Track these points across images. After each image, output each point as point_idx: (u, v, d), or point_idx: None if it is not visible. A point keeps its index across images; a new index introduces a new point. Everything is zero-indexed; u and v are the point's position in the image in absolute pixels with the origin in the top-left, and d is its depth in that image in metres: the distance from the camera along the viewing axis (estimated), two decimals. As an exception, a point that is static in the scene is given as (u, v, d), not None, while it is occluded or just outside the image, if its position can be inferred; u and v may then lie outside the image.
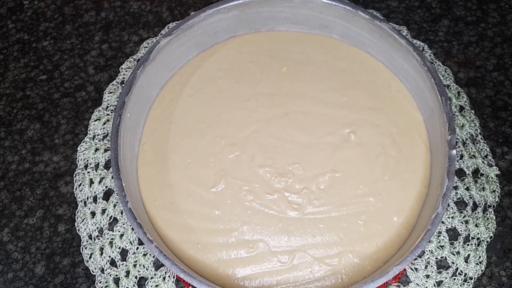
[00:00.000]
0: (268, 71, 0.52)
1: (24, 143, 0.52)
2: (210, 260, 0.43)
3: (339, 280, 0.42)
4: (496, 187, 0.47)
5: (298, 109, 0.50)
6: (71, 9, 0.62)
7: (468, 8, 0.60)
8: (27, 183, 0.50)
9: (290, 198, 0.45)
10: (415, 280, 0.43)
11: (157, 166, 0.47)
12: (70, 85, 0.56)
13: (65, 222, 0.47)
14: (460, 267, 0.44)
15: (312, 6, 0.51)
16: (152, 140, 0.49)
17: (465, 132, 0.50)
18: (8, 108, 0.54)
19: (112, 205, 0.47)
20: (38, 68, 0.57)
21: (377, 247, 0.43)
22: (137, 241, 0.45)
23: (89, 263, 0.45)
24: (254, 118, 0.49)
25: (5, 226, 0.47)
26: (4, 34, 0.60)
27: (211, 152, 0.48)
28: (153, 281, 0.43)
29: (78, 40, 0.59)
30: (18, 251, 0.46)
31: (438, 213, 0.40)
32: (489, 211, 0.46)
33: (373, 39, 0.51)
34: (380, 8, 0.60)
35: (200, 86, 0.52)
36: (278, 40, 0.54)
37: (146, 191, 0.46)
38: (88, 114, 0.53)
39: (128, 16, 0.60)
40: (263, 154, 0.47)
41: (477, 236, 0.45)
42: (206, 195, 0.46)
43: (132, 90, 0.46)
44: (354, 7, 0.49)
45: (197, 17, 0.50)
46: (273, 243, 0.44)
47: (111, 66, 0.57)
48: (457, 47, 0.57)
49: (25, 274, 0.45)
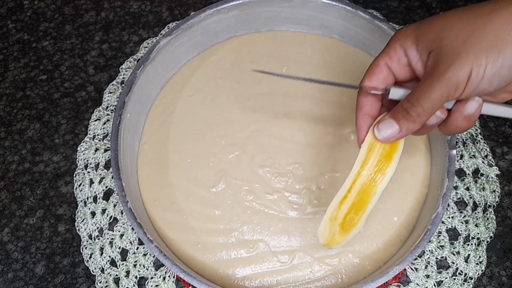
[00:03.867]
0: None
1: (24, 143, 0.52)
2: (210, 260, 0.43)
3: (339, 280, 0.42)
4: (496, 187, 0.47)
5: (298, 109, 0.50)
6: (71, 9, 0.62)
7: (468, 8, 0.60)
8: (27, 183, 0.50)
9: (290, 198, 0.45)
10: (415, 280, 0.43)
11: (157, 166, 0.47)
12: (70, 85, 0.56)
13: (65, 222, 0.47)
14: (460, 267, 0.44)
15: (312, 6, 0.51)
16: (152, 140, 0.49)
17: (465, 132, 0.50)
18: (8, 108, 0.54)
19: (112, 205, 0.47)
20: (38, 68, 0.57)
21: (377, 247, 0.43)
22: (137, 241, 0.45)
23: (89, 263, 0.45)
24: (254, 118, 0.49)
25: (5, 226, 0.47)
26: (4, 34, 0.60)
27: (211, 152, 0.48)
28: (153, 281, 0.43)
29: (78, 40, 0.59)
30: (18, 251, 0.46)
31: (438, 213, 0.40)
32: (489, 211, 0.46)
33: (373, 39, 0.51)
34: (380, 8, 0.60)
35: (200, 86, 0.52)
36: (278, 40, 0.54)
37: (146, 191, 0.46)
38: (88, 114, 0.53)
39: (128, 16, 0.60)
40: (263, 154, 0.47)
41: (477, 236, 0.45)
42: (206, 195, 0.46)
43: (132, 90, 0.46)
44: (354, 7, 0.49)
45: (197, 17, 0.50)
46: (273, 243, 0.44)
47: (111, 66, 0.57)
48: (457, 47, 0.57)
49: (25, 274, 0.45)
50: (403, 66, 0.34)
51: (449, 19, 0.30)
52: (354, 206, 0.36)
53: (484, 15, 0.29)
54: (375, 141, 0.35)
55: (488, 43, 0.28)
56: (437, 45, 0.30)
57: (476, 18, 0.29)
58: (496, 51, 0.28)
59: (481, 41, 0.28)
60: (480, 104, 0.31)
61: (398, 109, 0.32)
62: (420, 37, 0.32)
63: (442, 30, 0.30)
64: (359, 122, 0.36)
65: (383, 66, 0.34)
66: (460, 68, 0.29)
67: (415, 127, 0.32)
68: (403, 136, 0.34)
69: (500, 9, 0.29)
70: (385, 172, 0.35)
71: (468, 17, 0.30)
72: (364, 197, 0.36)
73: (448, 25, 0.30)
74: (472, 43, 0.29)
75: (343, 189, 0.36)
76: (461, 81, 0.29)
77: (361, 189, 0.36)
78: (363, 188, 0.36)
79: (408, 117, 0.32)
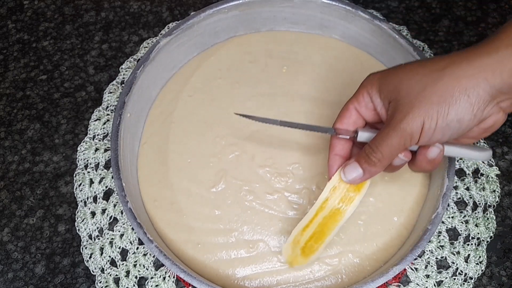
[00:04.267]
0: (268, 71, 0.52)
1: (24, 143, 0.52)
2: (210, 260, 0.43)
3: (339, 280, 0.42)
4: (496, 187, 0.47)
5: (298, 109, 0.50)
6: (71, 9, 0.62)
7: (468, 8, 0.60)
8: (27, 183, 0.50)
9: (290, 198, 0.45)
10: (415, 280, 0.43)
11: (157, 166, 0.47)
12: (70, 85, 0.56)
13: (65, 222, 0.47)
14: (460, 267, 0.44)
15: (312, 6, 0.51)
16: (152, 140, 0.49)
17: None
18: (8, 108, 0.54)
19: (112, 205, 0.47)
20: (38, 68, 0.57)
21: (377, 247, 0.43)
22: (137, 241, 0.45)
23: (89, 263, 0.45)
24: (254, 118, 0.49)
25: (5, 226, 0.47)
26: (4, 34, 0.60)
27: (211, 152, 0.48)
28: (153, 281, 0.43)
29: (78, 40, 0.59)
30: (18, 251, 0.46)
31: (438, 213, 0.40)
32: (489, 211, 0.46)
33: (373, 39, 0.51)
34: (380, 8, 0.60)
35: (200, 86, 0.52)
36: (278, 40, 0.54)
37: (146, 191, 0.46)
38: (88, 114, 0.53)
39: (128, 16, 0.60)
40: (263, 154, 0.47)
41: (477, 236, 0.45)
42: (206, 195, 0.46)
43: (132, 90, 0.46)
44: (354, 7, 0.49)
45: (197, 17, 0.50)
46: (273, 243, 0.44)
47: (111, 66, 0.57)
48: (457, 47, 0.57)
49: (25, 274, 0.45)
50: (370, 111, 0.36)
51: (407, 72, 0.33)
52: (315, 235, 0.39)
53: (439, 71, 0.31)
54: (341, 181, 0.38)
55: (439, 98, 0.31)
56: (395, 96, 0.33)
57: (431, 73, 0.32)
58: (446, 106, 0.31)
59: (433, 96, 0.31)
60: (441, 150, 0.34)
61: (362, 154, 0.35)
62: (382, 86, 0.34)
63: (401, 82, 0.33)
64: (330, 162, 0.39)
65: (353, 110, 0.37)
66: (413, 120, 0.31)
67: (377, 171, 0.35)
68: (367, 179, 0.37)
69: (453, 66, 0.31)
70: (345, 210, 0.38)
71: (424, 72, 0.32)
72: (324, 229, 0.39)
73: (406, 78, 0.33)
74: (424, 97, 0.31)
75: (306, 218, 0.39)
76: (415, 131, 0.32)
77: (322, 221, 0.39)
78: (324, 221, 0.39)
79: (369, 161, 0.35)
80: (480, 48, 0.31)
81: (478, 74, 0.30)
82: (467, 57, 0.31)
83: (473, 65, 0.31)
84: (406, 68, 0.33)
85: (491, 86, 0.30)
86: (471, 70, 0.30)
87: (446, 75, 0.31)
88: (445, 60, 0.32)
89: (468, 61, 0.31)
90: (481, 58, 0.31)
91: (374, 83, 0.35)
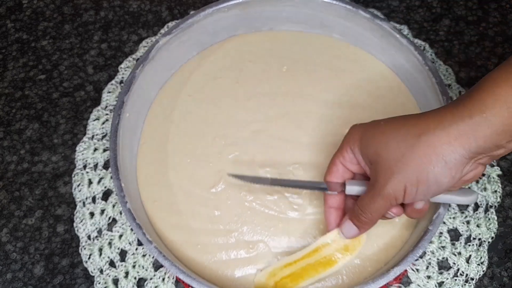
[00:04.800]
0: (268, 71, 0.52)
1: (23, 143, 0.52)
2: (210, 260, 0.43)
3: (340, 281, 0.42)
4: (498, 188, 0.47)
5: (298, 109, 0.50)
6: (70, 9, 0.61)
7: (469, 7, 0.60)
8: (26, 183, 0.49)
9: (290, 198, 0.45)
10: (416, 281, 0.43)
11: (157, 166, 0.47)
12: (69, 85, 0.55)
13: (64, 223, 0.47)
14: (462, 268, 0.43)
15: (312, 6, 0.51)
16: (152, 140, 0.49)
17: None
18: (6, 108, 0.54)
19: (111, 206, 0.47)
20: (37, 68, 0.57)
21: (378, 248, 0.43)
22: (136, 242, 0.45)
23: (88, 263, 0.44)
24: (254, 118, 0.49)
25: (3, 227, 0.47)
26: (3, 33, 0.60)
27: (211, 152, 0.47)
28: (153, 282, 0.43)
29: (77, 39, 0.59)
30: (17, 252, 0.46)
31: (439, 213, 0.39)
32: (490, 212, 0.46)
33: (374, 39, 0.51)
34: (381, 8, 0.59)
35: (200, 85, 0.52)
36: (279, 40, 0.54)
37: (146, 192, 0.46)
38: (87, 114, 0.53)
39: (127, 16, 0.60)
40: (263, 154, 0.47)
41: (478, 236, 0.45)
42: (206, 195, 0.45)
43: (131, 89, 0.46)
44: (354, 6, 0.49)
45: (197, 16, 0.49)
46: (273, 244, 0.43)
47: (110, 65, 0.56)
48: (458, 46, 0.57)
49: (24, 275, 0.45)
50: (355, 165, 0.38)
51: (387, 135, 0.34)
52: (293, 276, 0.40)
53: (415, 137, 0.32)
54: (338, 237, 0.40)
55: (418, 166, 0.32)
56: (375, 159, 0.34)
57: (408, 138, 0.33)
58: (424, 173, 0.32)
59: (411, 163, 0.32)
60: (427, 201, 0.36)
61: (353, 213, 0.37)
62: (363, 146, 0.36)
63: (380, 146, 0.34)
64: (327, 215, 0.40)
65: (339, 165, 0.39)
66: (396, 185, 0.33)
67: (370, 226, 0.37)
68: (365, 231, 0.38)
69: (428, 133, 0.32)
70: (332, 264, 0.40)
71: (401, 137, 0.33)
72: (304, 273, 0.40)
73: (384, 142, 0.34)
74: (404, 163, 0.32)
75: (293, 257, 0.40)
76: (398, 195, 0.33)
77: (306, 266, 0.40)
78: (306, 267, 0.40)
79: (360, 221, 0.37)
80: (454, 112, 0.32)
81: (454, 141, 0.31)
82: (441, 122, 0.32)
83: (447, 131, 0.31)
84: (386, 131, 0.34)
85: (467, 151, 0.31)
86: (446, 137, 0.31)
87: (422, 142, 0.32)
88: (420, 125, 0.33)
89: (443, 127, 0.31)
90: (456, 125, 0.31)
91: (356, 140, 0.37)
